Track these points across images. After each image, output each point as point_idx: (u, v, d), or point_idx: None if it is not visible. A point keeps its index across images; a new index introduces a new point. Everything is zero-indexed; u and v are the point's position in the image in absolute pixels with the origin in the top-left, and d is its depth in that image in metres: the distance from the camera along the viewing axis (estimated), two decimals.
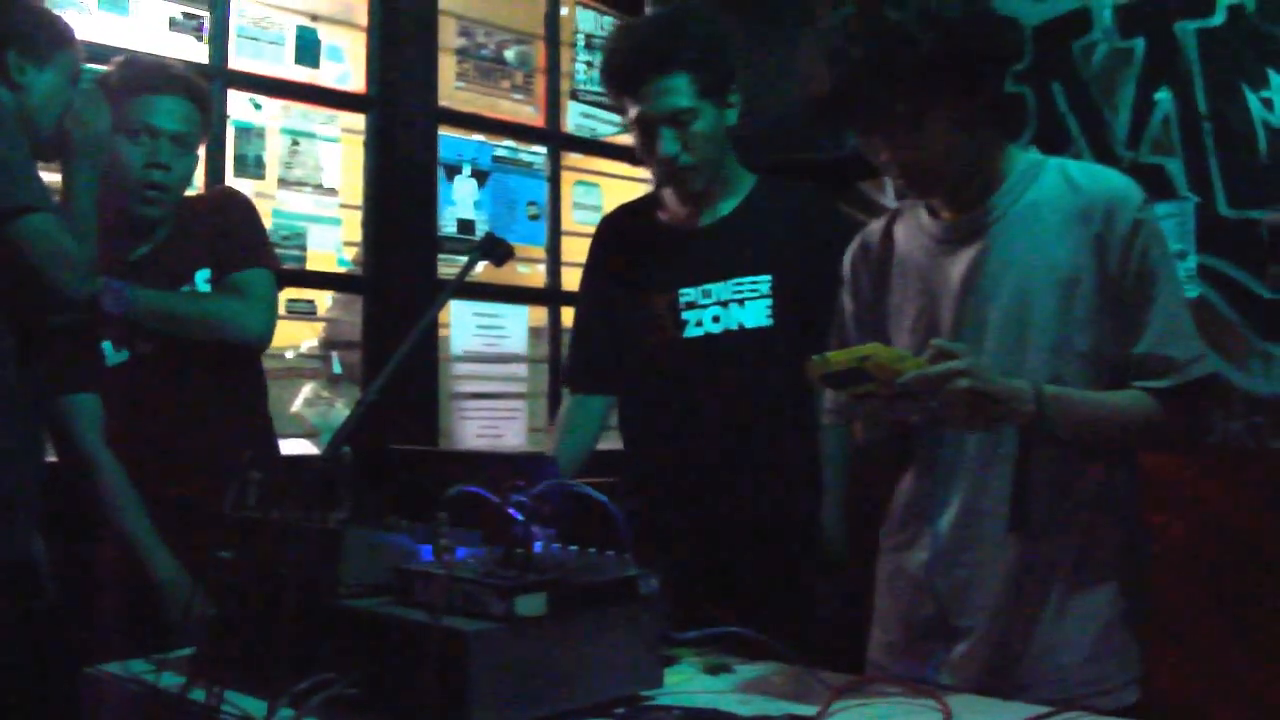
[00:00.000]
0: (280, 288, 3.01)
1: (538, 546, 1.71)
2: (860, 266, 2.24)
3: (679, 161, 2.67)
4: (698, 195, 2.76)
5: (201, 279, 2.84)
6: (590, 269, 3.00)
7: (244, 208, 2.98)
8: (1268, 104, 3.36)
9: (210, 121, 2.96)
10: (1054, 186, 2.04)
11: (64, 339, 2.65)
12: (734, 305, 2.71)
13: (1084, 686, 1.95)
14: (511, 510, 1.67)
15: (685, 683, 1.87)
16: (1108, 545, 2.01)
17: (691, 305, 2.74)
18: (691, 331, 2.74)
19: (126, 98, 2.74)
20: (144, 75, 2.80)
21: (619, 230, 2.97)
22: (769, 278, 2.70)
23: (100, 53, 3.01)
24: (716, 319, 2.72)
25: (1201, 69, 3.50)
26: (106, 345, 2.77)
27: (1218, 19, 3.46)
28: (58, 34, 2.58)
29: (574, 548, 1.80)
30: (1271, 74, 3.35)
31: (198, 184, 3.52)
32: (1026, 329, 1.99)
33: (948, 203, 2.09)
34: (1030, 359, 1.97)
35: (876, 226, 2.26)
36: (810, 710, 1.67)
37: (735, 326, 2.70)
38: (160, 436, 2.75)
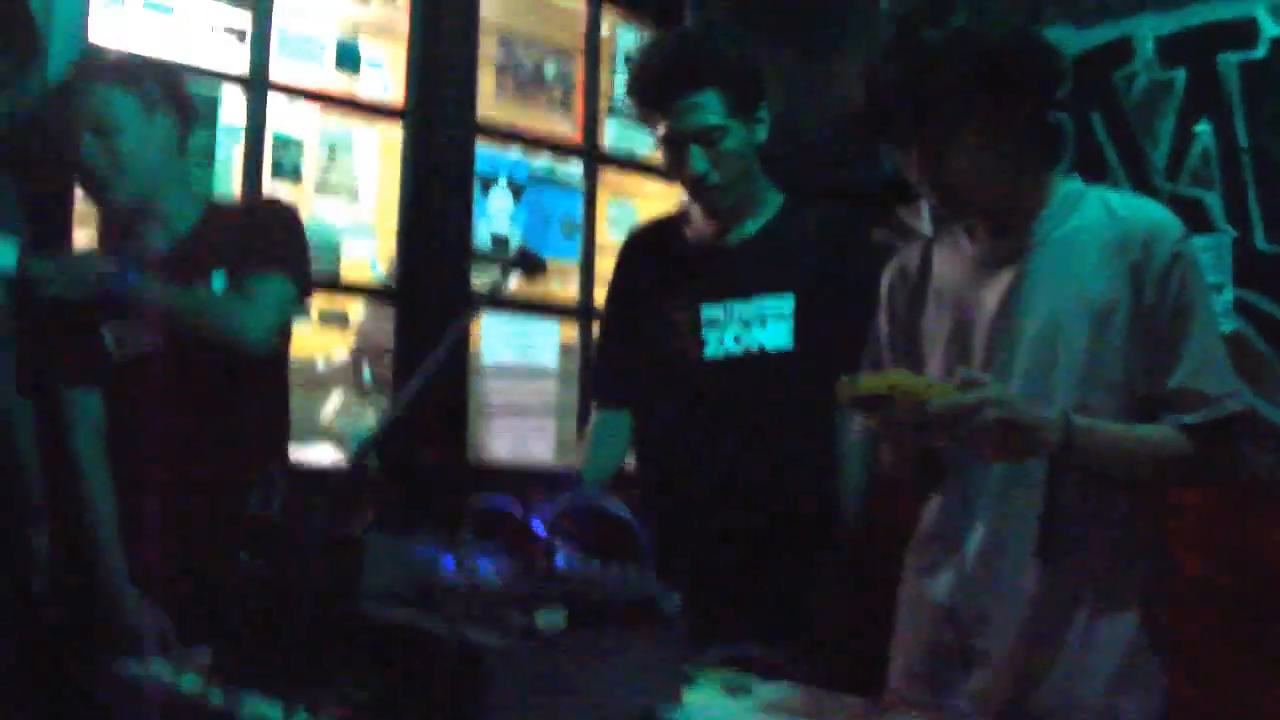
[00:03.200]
0: (307, 294, 2.96)
1: (559, 561, 1.71)
2: (897, 288, 2.24)
3: (707, 180, 2.64)
4: (724, 213, 2.75)
5: (217, 282, 2.70)
6: (615, 282, 2.98)
7: (279, 217, 2.86)
8: None
9: (155, 100, 2.72)
10: (1094, 216, 2.03)
11: (62, 327, 2.62)
12: (755, 325, 2.68)
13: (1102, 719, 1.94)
14: (535, 524, 1.68)
15: (704, 702, 1.86)
16: (1132, 577, 1.99)
17: (713, 323, 2.71)
18: (712, 350, 2.70)
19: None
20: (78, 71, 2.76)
21: (645, 245, 2.95)
22: (791, 299, 2.67)
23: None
24: (737, 339, 2.69)
25: (1242, 102, 3.47)
26: (108, 341, 2.68)
27: (1260, 52, 3.43)
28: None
29: (596, 563, 1.80)
30: None
31: (235, 192, 3.58)
32: (1057, 356, 1.98)
33: (984, 226, 2.09)
34: (1058, 387, 1.96)
35: (915, 249, 2.26)
36: None
37: (756, 348, 2.67)
38: (160, 439, 2.62)
